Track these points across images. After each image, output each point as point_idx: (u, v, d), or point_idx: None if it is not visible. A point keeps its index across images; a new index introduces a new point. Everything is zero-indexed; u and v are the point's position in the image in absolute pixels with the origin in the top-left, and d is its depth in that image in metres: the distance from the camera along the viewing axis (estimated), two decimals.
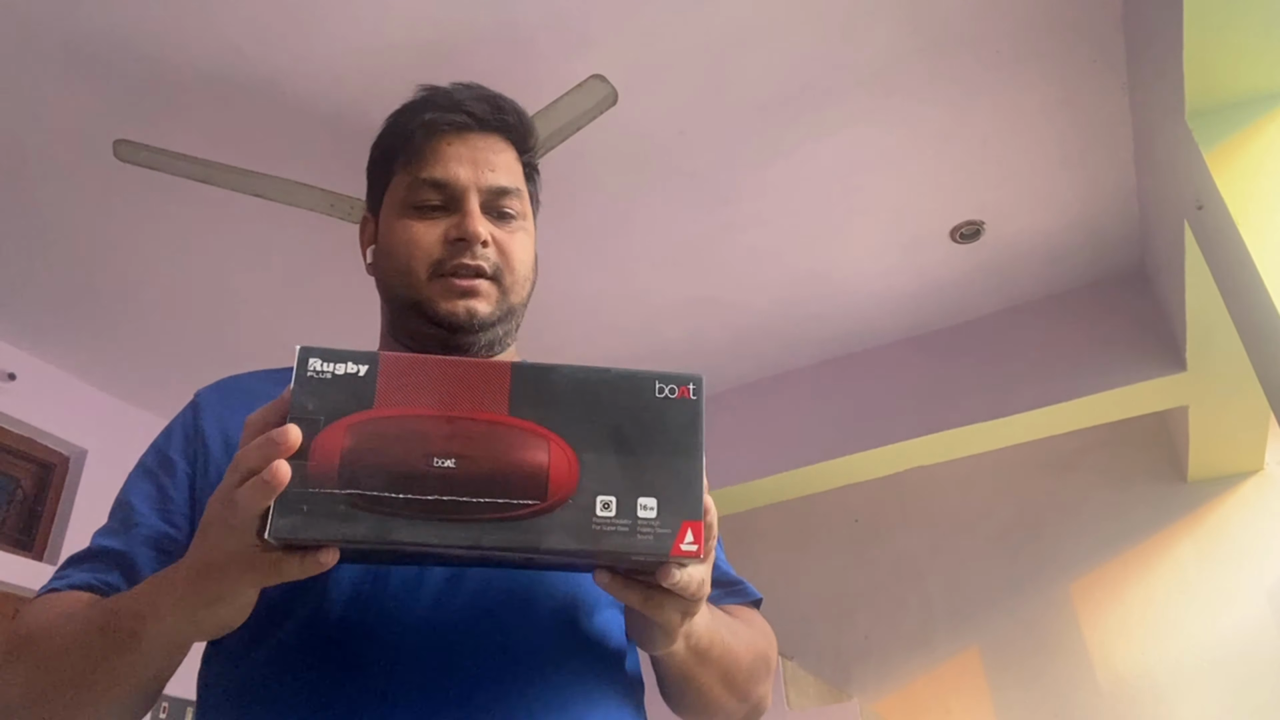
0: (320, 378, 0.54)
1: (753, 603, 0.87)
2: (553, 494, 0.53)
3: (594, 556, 0.53)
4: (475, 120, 0.86)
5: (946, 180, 2.77)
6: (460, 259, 0.81)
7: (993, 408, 3.22)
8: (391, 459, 0.52)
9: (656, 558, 0.52)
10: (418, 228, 0.83)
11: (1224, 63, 1.92)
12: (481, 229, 0.81)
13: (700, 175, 2.68)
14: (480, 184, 0.84)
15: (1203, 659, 3.25)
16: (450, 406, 0.54)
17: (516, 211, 0.86)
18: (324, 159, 2.50)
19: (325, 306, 3.14)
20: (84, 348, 3.32)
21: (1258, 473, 3.47)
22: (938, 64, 2.35)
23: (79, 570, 0.75)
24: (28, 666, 0.66)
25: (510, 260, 0.84)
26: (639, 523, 0.52)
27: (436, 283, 0.82)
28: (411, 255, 0.82)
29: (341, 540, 0.51)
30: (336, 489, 0.51)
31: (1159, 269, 2.95)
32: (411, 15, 2.12)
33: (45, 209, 2.65)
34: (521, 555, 0.53)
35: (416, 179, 0.84)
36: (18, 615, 0.72)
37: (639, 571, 0.57)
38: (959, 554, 3.85)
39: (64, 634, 0.65)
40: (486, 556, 0.55)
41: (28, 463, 3.36)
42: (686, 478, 0.54)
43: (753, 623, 0.83)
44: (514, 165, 0.88)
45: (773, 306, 3.33)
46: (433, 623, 0.67)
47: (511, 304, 0.85)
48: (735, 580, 0.87)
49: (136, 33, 2.12)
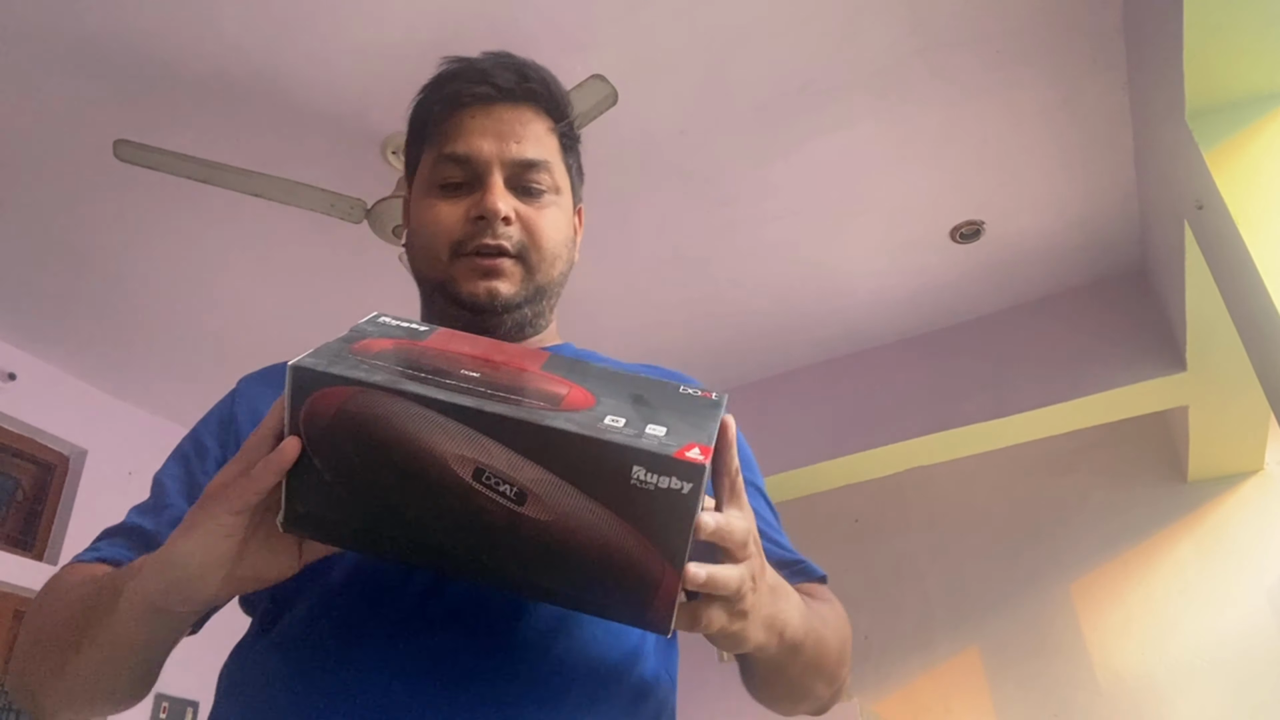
0: (386, 325, 0.61)
1: (819, 580, 0.82)
2: (565, 405, 0.54)
3: (593, 457, 0.51)
4: (499, 91, 0.82)
5: (946, 180, 2.77)
6: (482, 238, 0.78)
7: (993, 408, 3.23)
8: (425, 360, 0.56)
9: (659, 461, 0.50)
10: (440, 207, 0.81)
11: (1224, 63, 1.92)
12: (502, 205, 0.78)
13: (700, 175, 2.69)
14: (504, 157, 0.80)
15: (1203, 659, 3.25)
16: (490, 361, 0.59)
17: (547, 185, 0.82)
18: (324, 159, 2.50)
19: (325, 307, 3.14)
20: (84, 348, 3.32)
21: (1258, 473, 3.47)
22: (938, 64, 2.35)
23: (110, 544, 0.77)
24: (33, 624, 0.71)
25: (537, 237, 0.81)
26: (646, 432, 0.52)
27: (459, 263, 0.79)
28: (435, 235, 0.80)
29: (355, 379, 0.52)
30: (367, 360, 0.54)
31: (1159, 269, 2.95)
32: (411, 15, 2.12)
33: (45, 209, 2.65)
34: (519, 458, 0.52)
35: (440, 155, 0.82)
36: (48, 581, 0.76)
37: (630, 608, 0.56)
38: (959, 554, 3.85)
39: (66, 599, 0.69)
40: (477, 480, 0.52)
41: (28, 463, 3.36)
42: (700, 423, 0.55)
43: (831, 602, 0.80)
44: (544, 136, 0.84)
45: (773, 306, 3.33)
46: (425, 614, 0.66)
47: (539, 284, 0.82)
48: (797, 559, 0.83)
49: (136, 33, 2.12)
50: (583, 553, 0.53)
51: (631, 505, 0.52)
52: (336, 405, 0.53)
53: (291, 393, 0.54)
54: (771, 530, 0.82)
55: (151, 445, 3.70)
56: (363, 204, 2.37)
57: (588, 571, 0.54)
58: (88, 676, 0.66)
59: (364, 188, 2.47)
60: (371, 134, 2.45)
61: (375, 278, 2.96)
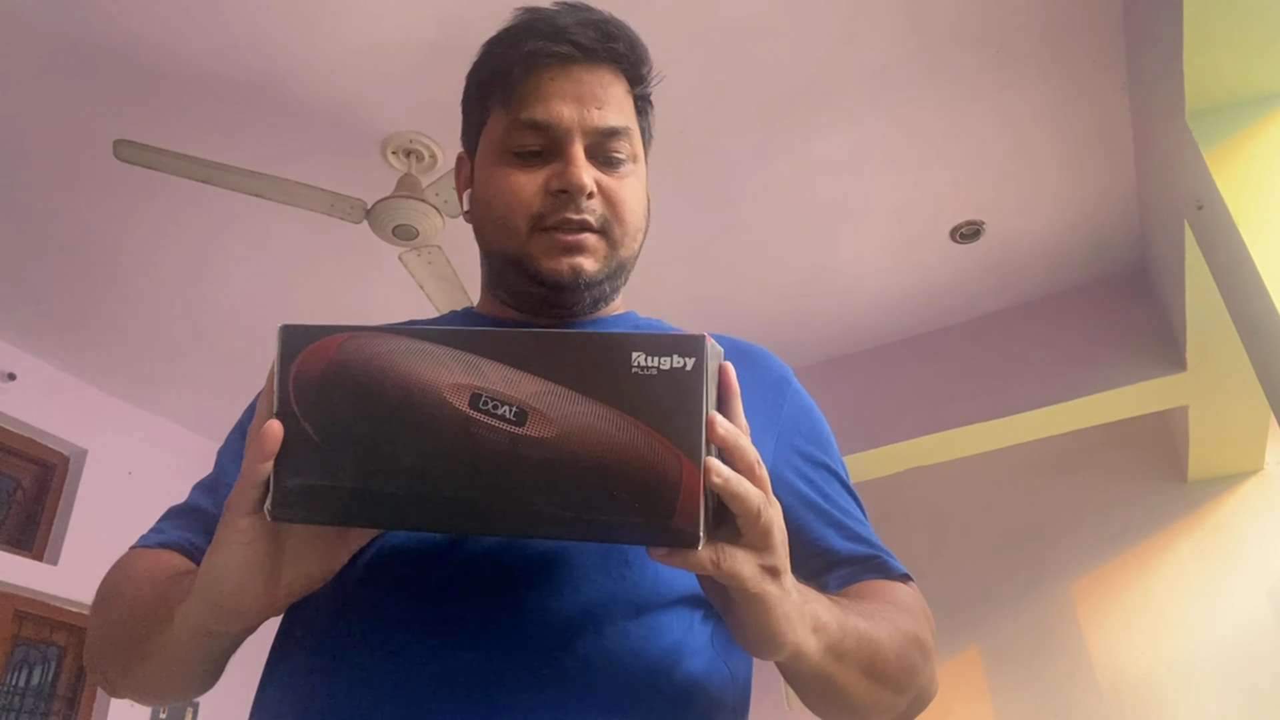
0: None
1: (898, 577, 0.75)
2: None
3: (592, 349, 0.50)
4: (581, 51, 0.75)
5: (946, 180, 2.77)
6: (564, 213, 0.73)
7: (993, 408, 3.22)
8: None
9: (656, 343, 0.50)
10: (517, 177, 0.74)
11: (1224, 63, 1.92)
12: (587, 178, 0.73)
13: (700, 175, 2.69)
14: (586, 125, 0.74)
15: (1203, 659, 3.25)
16: None
17: (626, 154, 0.77)
18: (324, 159, 2.50)
19: (325, 307, 3.14)
20: (84, 348, 3.32)
21: (1258, 473, 3.47)
22: (938, 64, 2.35)
23: (173, 526, 0.77)
24: (100, 621, 0.70)
25: (620, 210, 0.75)
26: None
27: (538, 237, 0.74)
28: (510, 208, 0.74)
29: (340, 328, 0.52)
30: (354, 330, 0.53)
31: (1159, 269, 2.95)
32: (411, 15, 2.12)
33: (45, 209, 2.65)
34: (514, 372, 0.51)
35: (516, 120, 0.75)
36: (113, 565, 0.75)
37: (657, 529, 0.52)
38: (959, 554, 3.85)
39: (130, 603, 0.68)
40: (474, 406, 0.51)
41: (28, 463, 3.36)
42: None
43: (896, 600, 0.71)
44: (624, 101, 0.78)
45: (773, 306, 3.33)
46: (443, 615, 0.63)
47: (622, 258, 0.77)
48: (873, 553, 0.75)
49: (136, 33, 2.12)
50: (594, 464, 0.49)
51: (636, 397, 0.49)
52: (327, 356, 0.52)
53: (281, 354, 0.53)
54: (851, 520, 0.77)
55: (151, 445, 3.70)
56: (363, 204, 2.37)
57: (603, 485, 0.50)
58: (154, 681, 0.67)
59: (364, 188, 2.47)
60: (371, 134, 2.45)
61: (375, 278, 2.96)
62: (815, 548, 0.74)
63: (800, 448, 0.78)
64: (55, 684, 3.25)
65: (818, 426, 0.82)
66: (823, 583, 0.73)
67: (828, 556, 0.74)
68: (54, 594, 3.19)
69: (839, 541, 0.75)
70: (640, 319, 0.88)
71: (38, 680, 3.21)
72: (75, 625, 3.31)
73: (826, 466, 0.79)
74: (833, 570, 0.74)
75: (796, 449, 0.78)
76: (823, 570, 0.74)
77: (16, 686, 3.12)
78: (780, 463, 0.76)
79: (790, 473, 0.77)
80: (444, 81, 2.06)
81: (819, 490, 0.77)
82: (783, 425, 0.78)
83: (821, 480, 0.78)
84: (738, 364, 0.79)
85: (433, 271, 2.56)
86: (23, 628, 3.16)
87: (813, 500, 0.76)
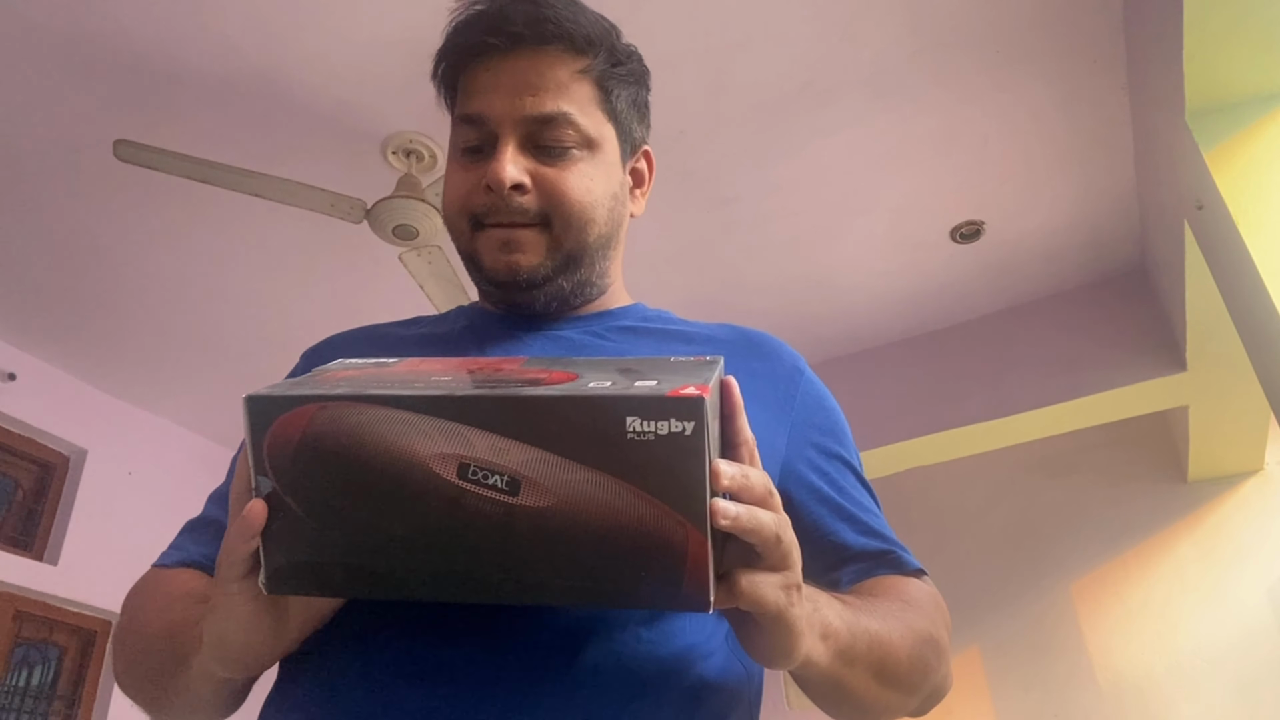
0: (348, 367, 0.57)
1: (912, 573, 0.73)
2: (546, 385, 0.49)
3: (583, 411, 0.46)
4: (513, 39, 0.72)
5: (946, 180, 2.77)
6: (497, 212, 0.72)
7: (993, 408, 3.22)
8: (392, 375, 0.52)
9: (652, 405, 0.46)
10: (460, 175, 0.74)
11: (1224, 63, 1.91)
12: (510, 173, 0.70)
13: (700, 175, 2.69)
14: (516, 114, 0.71)
15: (1203, 659, 3.25)
16: (457, 367, 0.56)
17: (571, 140, 0.73)
18: (324, 159, 2.50)
19: (325, 307, 3.14)
20: (84, 348, 3.32)
21: (1258, 473, 3.47)
22: (938, 64, 2.35)
23: (192, 542, 0.75)
24: (123, 649, 0.69)
25: (559, 200, 0.72)
26: (635, 385, 0.47)
27: (480, 235, 0.73)
28: (454, 207, 0.74)
29: (316, 396, 0.48)
30: (328, 388, 0.50)
31: (1159, 269, 2.95)
32: (411, 15, 2.12)
33: (45, 209, 2.65)
34: (504, 440, 0.47)
35: (456, 117, 0.75)
36: (132, 589, 0.74)
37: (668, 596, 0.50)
38: (959, 554, 3.84)
39: (148, 633, 0.67)
40: (462, 476, 0.48)
41: (28, 463, 3.36)
42: (694, 373, 0.49)
43: (910, 597, 0.69)
44: (569, 83, 0.73)
45: (773, 306, 3.33)
46: (446, 622, 0.61)
47: (569, 251, 0.73)
48: (887, 548, 0.73)
49: (136, 33, 2.12)
50: (594, 534, 0.47)
51: (634, 464, 0.46)
52: (300, 428, 0.49)
53: (251, 428, 0.49)
54: (865, 514, 0.75)
55: (151, 445, 3.70)
56: (363, 204, 2.37)
57: (604, 555, 0.47)
58: (181, 713, 0.67)
59: (364, 188, 2.47)
60: (371, 134, 2.45)
61: (375, 278, 2.96)
62: (828, 542, 0.73)
63: (814, 439, 0.76)
64: (55, 684, 3.25)
65: (831, 416, 0.80)
66: (835, 578, 0.72)
67: (841, 552, 0.73)
68: (54, 594, 3.19)
69: (852, 536, 0.73)
70: (649, 310, 0.86)
71: (38, 680, 3.21)
72: (75, 625, 3.31)
73: (840, 458, 0.77)
74: (845, 565, 0.72)
75: (810, 441, 0.76)
76: (835, 566, 0.73)
77: (16, 686, 3.12)
78: (793, 455, 0.74)
79: (803, 465, 0.75)
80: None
81: (833, 483, 0.75)
82: (795, 417, 0.76)
83: (835, 472, 0.76)
84: (748, 355, 0.78)
85: (433, 271, 2.56)
86: (23, 628, 3.16)
87: (826, 494, 0.74)
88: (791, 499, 0.72)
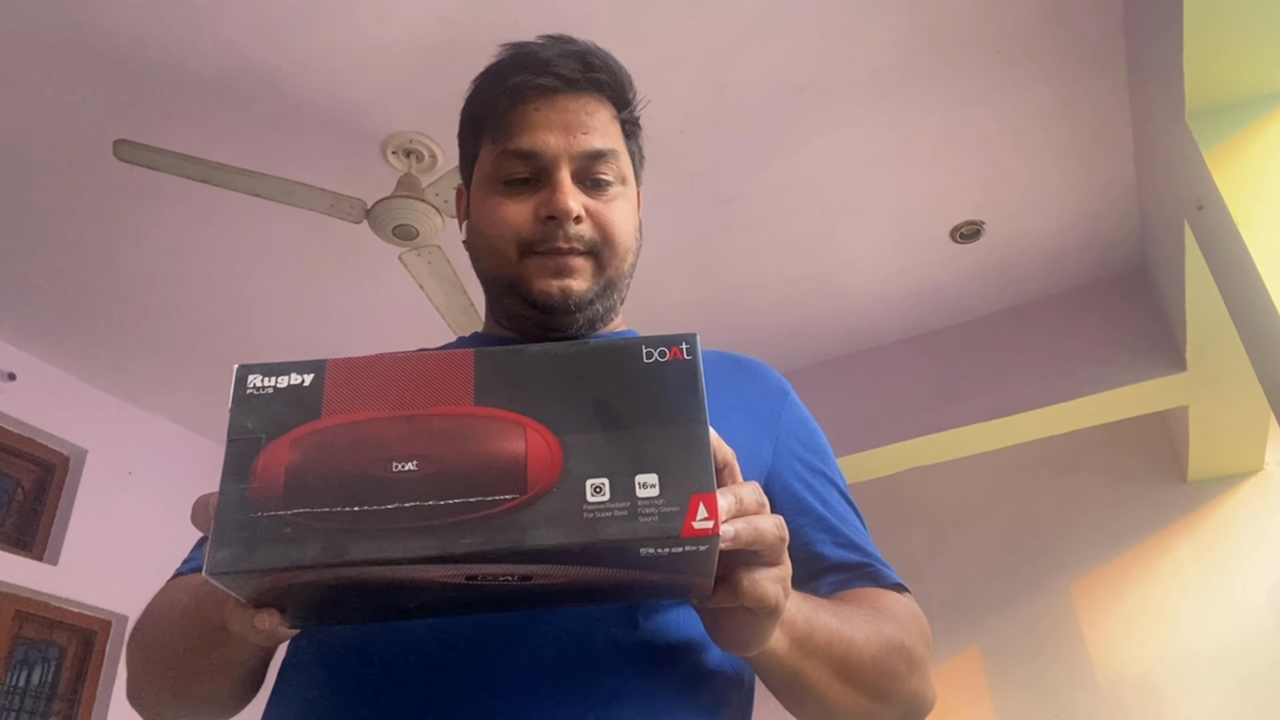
0: (261, 394, 0.49)
1: (891, 586, 0.74)
2: (533, 484, 0.45)
3: (592, 551, 0.45)
4: (564, 81, 0.79)
5: (946, 180, 2.77)
6: (553, 239, 0.76)
7: (993, 408, 3.22)
8: (343, 469, 0.46)
9: (666, 541, 0.44)
10: (508, 205, 0.77)
11: (1224, 63, 1.92)
12: (574, 204, 0.75)
13: (700, 175, 2.69)
14: (572, 150, 0.77)
15: (1203, 659, 3.25)
16: (407, 405, 0.48)
17: (614, 176, 0.79)
18: (324, 159, 2.50)
19: (325, 306, 3.14)
20: (84, 348, 3.32)
21: (1258, 473, 3.47)
22: (938, 64, 2.35)
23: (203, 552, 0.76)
24: (142, 652, 0.70)
25: (609, 232, 0.78)
26: (639, 503, 0.45)
27: (529, 261, 0.76)
28: (502, 234, 0.77)
29: (287, 565, 0.44)
30: (282, 510, 0.45)
31: (1159, 269, 2.95)
32: (411, 15, 2.12)
33: (45, 209, 2.65)
34: (508, 566, 0.46)
35: (504, 150, 0.78)
36: (153, 598, 0.75)
37: (671, 594, 0.54)
38: (959, 554, 3.85)
39: (167, 625, 0.68)
40: (471, 580, 0.48)
41: (28, 463, 3.36)
42: (689, 445, 0.47)
43: (883, 606, 0.70)
44: (609, 125, 0.81)
45: (773, 306, 3.33)
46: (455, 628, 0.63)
47: (610, 278, 0.80)
48: (865, 560, 0.75)
49: (136, 33, 2.12)
50: (610, 588, 0.52)
51: (647, 568, 0.48)
52: (282, 586, 0.47)
53: (227, 588, 0.47)
54: (847, 527, 0.77)
55: (151, 445, 3.70)
56: (363, 204, 2.37)
57: (614, 594, 0.54)
58: (201, 701, 0.68)
59: (364, 188, 2.47)
60: (371, 134, 2.45)
61: (375, 278, 2.96)
62: (806, 552, 0.74)
63: (799, 454, 0.79)
64: (55, 684, 3.25)
65: (815, 436, 0.83)
66: (813, 588, 0.73)
67: (819, 562, 0.74)
68: (54, 594, 3.19)
69: (831, 548, 0.75)
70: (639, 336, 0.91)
71: (38, 680, 3.21)
72: (75, 625, 3.31)
73: (824, 475, 0.80)
74: (823, 576, 0.74)
75: (795, 455, 0.79)
76: (813, 576, 0.74)
77: (16, 686, 3.12)
78: (779, 467, 0.77)
79: (789, 476, 0.77)
80: (444, 81, 2.06)
81: (816, 495, 0.77)
82: (780, 431, 0.80)
83: (820, 486, 0.78)
84: (736, 377, 0.82)
85: (432, 271, 2.56)
86: (23, 628, 3.16)
87: (809, 505, 0.76)
88: (774, 509, 0.73)
